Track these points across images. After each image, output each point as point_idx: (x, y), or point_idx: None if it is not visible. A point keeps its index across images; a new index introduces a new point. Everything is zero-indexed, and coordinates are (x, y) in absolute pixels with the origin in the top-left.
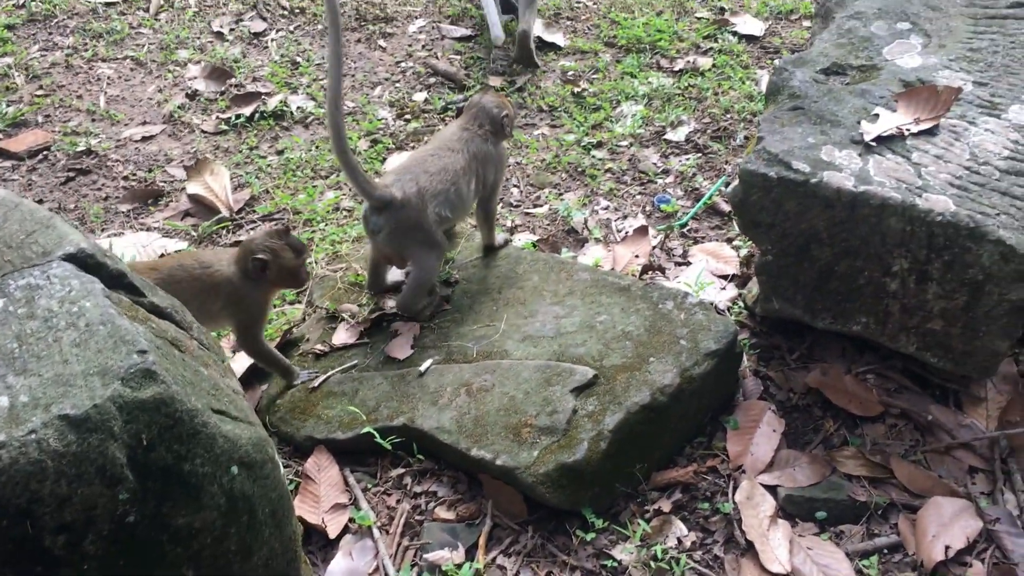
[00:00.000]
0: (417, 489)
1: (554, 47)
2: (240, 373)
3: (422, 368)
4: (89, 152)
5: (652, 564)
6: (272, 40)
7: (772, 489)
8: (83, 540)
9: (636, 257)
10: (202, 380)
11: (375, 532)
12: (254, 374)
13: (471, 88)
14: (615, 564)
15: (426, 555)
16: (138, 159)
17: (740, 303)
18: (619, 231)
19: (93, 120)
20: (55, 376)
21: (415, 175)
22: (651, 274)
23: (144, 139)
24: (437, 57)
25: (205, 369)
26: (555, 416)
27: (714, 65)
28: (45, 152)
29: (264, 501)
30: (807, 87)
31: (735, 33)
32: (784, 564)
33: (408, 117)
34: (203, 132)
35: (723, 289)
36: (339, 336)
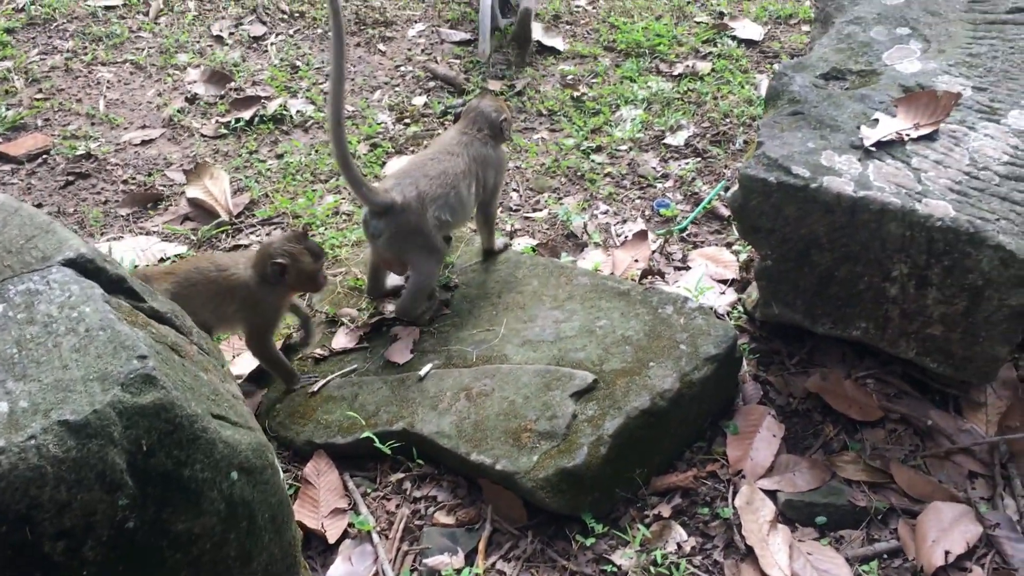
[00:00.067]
0: (417, 494)
1: (553, 51)
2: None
3: (422, 372)
4: (88, 156)
5: (652, 569)
6: (272, 44)
7: (772, 494)
8: (83, 546)
9: (636, 261)
10: (202, 385)
11: (375, 537)
12: (252, 377)
13: (470, 92)
14: (615, 569)
15: (426, 560)
16: (137, 163)
17: (740, 308)
18: (619, 235)
19: (92, 124)
20: (55, 382)
21: (415, 179)
22: (651, 278)
23: (144, 143)
24: (436, 61)
25: (205, 374)
26: (555, 421)
27: (713, 69)
28: (44, 156)
29: (264, 506)
30: (807, 92)
31: (734, 37)
32: (784, 569)
33: (407, 121)
34: (203, 136)
35: (723, 294)
36: (339, 340)
